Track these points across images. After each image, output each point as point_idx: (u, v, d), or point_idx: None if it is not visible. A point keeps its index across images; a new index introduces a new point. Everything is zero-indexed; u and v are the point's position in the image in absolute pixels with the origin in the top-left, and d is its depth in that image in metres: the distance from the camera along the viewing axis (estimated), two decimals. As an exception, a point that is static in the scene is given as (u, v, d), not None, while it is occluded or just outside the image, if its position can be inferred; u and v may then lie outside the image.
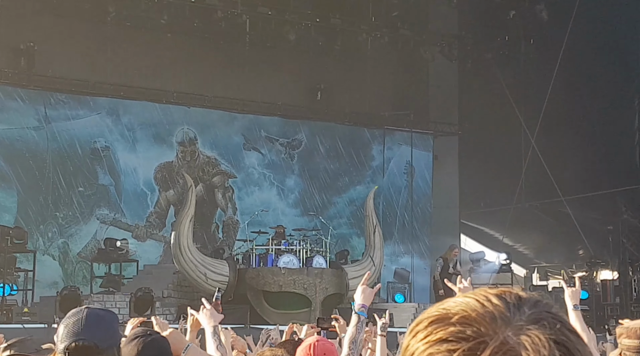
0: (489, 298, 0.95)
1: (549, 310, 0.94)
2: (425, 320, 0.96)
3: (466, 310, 0.93)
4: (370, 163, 22.38)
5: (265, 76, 20.34)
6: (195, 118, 20.24)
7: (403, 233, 22.16)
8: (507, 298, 0.95)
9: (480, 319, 0.92)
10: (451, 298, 0.97)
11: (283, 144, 21.36)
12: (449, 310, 0.94)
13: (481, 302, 0.94)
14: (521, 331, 0.91)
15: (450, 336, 0.92)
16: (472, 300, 0.95)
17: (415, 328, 0.96)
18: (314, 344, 3.67)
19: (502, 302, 0.94)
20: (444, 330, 0.93)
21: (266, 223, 18.18)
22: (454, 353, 0.91)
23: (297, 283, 15.69)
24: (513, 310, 0.93)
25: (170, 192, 19.91)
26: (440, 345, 0.92)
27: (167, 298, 16.16)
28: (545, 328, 0.91)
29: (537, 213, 21.01)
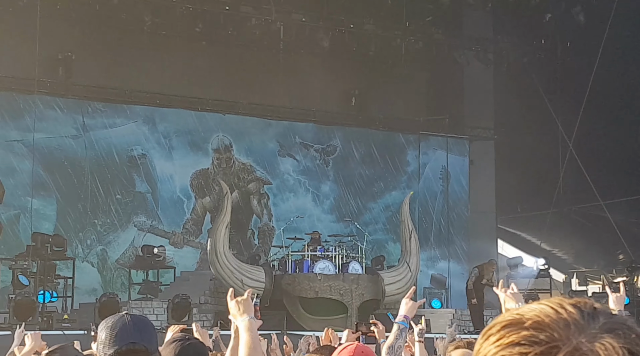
0: (563, 306, 0.95)
1: (624, 322, 0.95)
2: (497, 324, 0.96)
3: (540, 316, 0.94)
4: (406, 168, 22.30)
5: (300, 82, 20.38)
6: (230, 126, 20.35)
7: (439, 238, 22.05)
8: (581, 307, 0.95)
9: (553, 325, 0.93)
10: (525, 305, 0.98)
11: (318, 150, 21.38)
12: (523, 315, 0.95)
13: (555, 309, 0.94)
14: (595, 339, 0.91)
15: (523, 339, 0.92)
16: (547, 306, 0.95)
17: (488, 332, 0.96)
18: (353, 349, 3.66)
19: (576, 310, 0.94)
20: (517, 334, 0.93)
21: (302, 229, 18.22)
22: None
23: (333, 289, 15.68)
24: (587, 319, 0.93)
25: (206, 198, 20.02)
26: (513, 348, 0.92)
27: (204, 304, 16.24)
28: (619, 337, 0.92)
29: (576, 218, 20.80)
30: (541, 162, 20.87)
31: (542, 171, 20.84)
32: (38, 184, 17.96)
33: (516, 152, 21.52)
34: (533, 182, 21.09)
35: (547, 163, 20.67)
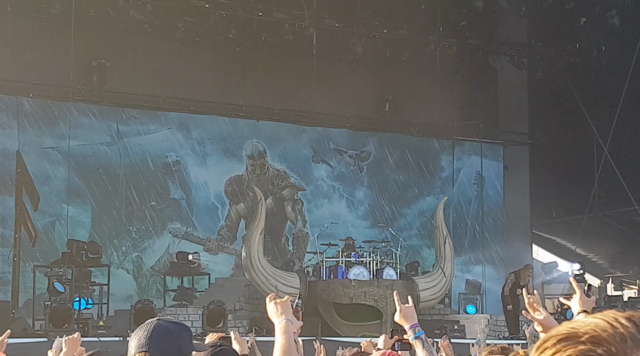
0: (618, 320, 0.95)
1: None
2: (553, 338, 0.96)
3: (596, 330, 0.93)
4: (440, 174, 22.21)
5: (333, 88, 20.39)
6: (264, 132, 20.41)
7: (474, 243, 21.92)
8: (637, 321, 0.95)
9: (610, 339, 0.92)
10: (579, 319, 0.97)
11: (352, 156, 21.37)
12: (578, 329, 0.94)
13: (610, 323, 0.94)
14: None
15: (580, 354, 0.92)
16: (601, 320, 0.95)
17: (543, 346, 0.96)
18: (385, 354, 3.67)
19: (632, 324, 0.94)
20: (574, 348, 0.93)
21: (336, 235, 18.22)
22: None
23: (367, 295, 15.66)
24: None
25: (240, 205, 20.09)
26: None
27: (239, 310, 16.30)
28: None
29: (611, 223, 20.58)
30: (576, 167, 20.70)
31: (577, 176, 20.66)
32: (73, 191, 18.16)
33: (551, 157, 21.37)
34: (568, 187, 20.92)
35: (582, 168, 20.49)
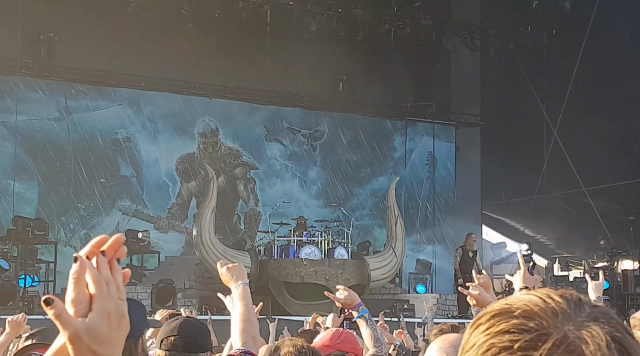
0: (551, 296, 0.98)
1: (607, 312, 0.98)
2: (487, 314, 0.98)
3: (529, 305, 0.96)
4: (393, 154, 22.32)
5: (287, 67, 20.29)
6: (216, 110, 20.26)
7: (425, 223, 22.11)
8: (568, 298, 0.98)
9: (542, 313, 0.95)
10: (514, 296, 1.00)
11: (305, 135, 21.34)
12: (512, 305, 0.97)
13: (543, 299, 0.97)
14: (581, 327, 0.94)
15: (513, 328, 0.95)
16: (535, 297, 0.98)
17: (477, 321, 0.99)
18: (335, 331, 3.67)
19: (563, 300, 0.97)
20: (507, 322, 0.95)
21: (288, 214, 18.21)
22: (515, 344, 0.93)
23: (319, 274, 15.70)
24: (574, 308, 0.97)
25: (192, 183, 19.96)
26: (502, 336, 0.95)
27: (189, 289, 16.22)
28: (604, 324, 0.95)
29: (559, 204, 20.91)
30: (526, 149, 20.97)
31: (527, 157, 20.93)
32: (19, 167, 17.83)
33: (502, 139, 21.59)
34: (518, 169, 21.19)
35: (532, 150, 20.77)
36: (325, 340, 3.65)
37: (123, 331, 1.22)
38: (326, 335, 3.64)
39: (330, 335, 3.67)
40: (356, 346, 3.77)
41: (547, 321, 0.94)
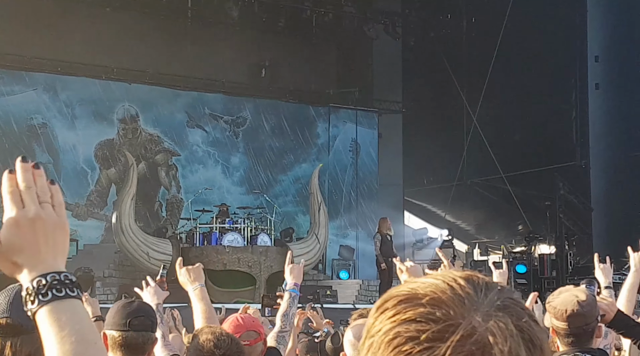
0: (457, 281, 0.96)
1: (512, 297, 0.97)
2: (394, 298, 0.96)
3: (435, 292, 0.95)
4: (316, 140, 22.36)
5: (208, 53, 20.09)
6: (136, 95, 19.93)
7: (349, 210, 22.24)
8: (474, 281, 0.97)
9: (449, 302, 0.94)
10: (418, 279, 0.98)
11: (227, 122, 21.19)
12: (418, 291, 0.95)
13: (450, 284, 0.96)
14: (489, 318, 0.93)
15: (420, 317, 0.93)
16: (440, 281, 0.96)
17: (383, 306, 0.96)
18: (240, 315, 3.70)
19: (469, 285, 0.96)
20: (414, 310, 0.94)
21: (211, 201, 18.08)
22: (422, 334, 0.92)
23: (241, 262, 15.64)
24: (480, 295, 0.95)
25: (111, 170, 19.64)
26: (409, 325, 0.93)
27: (108, 277, 15.99)
28: (512, 315, 0.94)
29: (478, 190, 21.29)
30: (447, 135, 21.27)
31: (448, 144, 21.24)
32: None
33: (423, 126, 21.87)
34: (439, 155, 21.49)
35: (453, 137, 21.09)
36: (235, 323, 3.64)
37: (43, 235, 1.20)
38: (232, 320, 3.65)
39: (235, 319, 3.67)
40: (261, 325, 3.83)
41: (454, 311, 0.93)
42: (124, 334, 2.92)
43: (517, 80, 19.83)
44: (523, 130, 19.75)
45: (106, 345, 2.94)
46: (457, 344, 0.90)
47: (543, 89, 19.45)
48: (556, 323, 3.10)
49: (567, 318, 3.07)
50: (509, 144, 19.86)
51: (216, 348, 2.68)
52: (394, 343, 0.93)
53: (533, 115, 19.57)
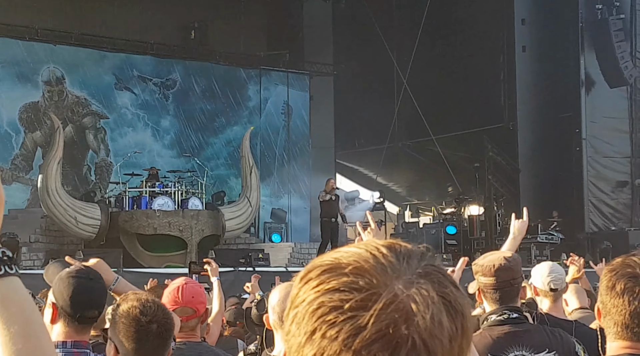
0: (379, 249, 0.97)
1: (433, 263, 0.97)
2: (317, 269, 0.96)
3: (358, 261, 0.95)
4: (247, 103, 22.20)
5: (136, 14, 19.69)
6: (62, 57, 19.46)
7: (282, 173, 22.23)
8: (396, 249, 0.97)
9: (372, 270, 0.94)
10: (342, 248, 0.98)
11: (157, 84, 20.88)
12: (341, 260, 0.96)
13: (372, 253, 0.96)
14: (411, 285, 0.94)
15: (343, 286, 0.93)
16: (363, 250, 0.97)
17: (307, 276, 0.96)
18: (182, 286, 3.59)
19: (391, 253, 0.96)
20: (337, 280, 0.94)
21: (141, 165, 17.85)
22: (346, 303, 0.92)
23: (172, 226, 15.50)
24: (403, 263, 0.96)
25: (37, 133, 19.20)
26: (333, 294, 0.93)
27: (35, 243, 15.70)
28: (434, 282, 0.95)
29: (409, 152, 21.50)
30: (378, 98, 21.35)
31: (379, 107, 21.33)
32: None
33: (354, 88, 21.89)
34: (370, 118, 21.58)
35: (384, 99, 21.17)
36: (174, 295, 3.56)
37: None
38: (172, 291, 3.56)
39: (175, 291, 3.58)
40: (202, 299, 3.71)
41: (377, 279, 0.93)
42: (74, 321, 2.87)
43: (446, 42, 19.98)
44: (452, 93, 19.94)
45: (54, 316, 2.87)
46: (380, 312, 0.91)
47: (471, 51, 19.63)
48: (484, 279, 3.15)
49: (495, 272, 3.12)
50: (438, 106, 20.04)
51: (142, 315, 2.64)
52: (317, 313, 0.93)
53: (462, 77, 19.77)
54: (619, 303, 2.02)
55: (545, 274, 3.98)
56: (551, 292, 3.95)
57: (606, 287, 2.05)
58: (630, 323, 2.02)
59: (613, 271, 2.06)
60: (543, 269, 4.03)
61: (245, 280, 12.75)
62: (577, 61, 18.83)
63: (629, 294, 2.01)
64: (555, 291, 3.96)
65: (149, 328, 2.64)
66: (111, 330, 2.70)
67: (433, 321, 0.92)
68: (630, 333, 2.03)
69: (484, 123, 19.33)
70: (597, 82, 18.92)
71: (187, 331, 3.51)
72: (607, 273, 2.07)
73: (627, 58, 18.86)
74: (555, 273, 4.00)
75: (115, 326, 2.68)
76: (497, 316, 3.12)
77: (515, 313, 3.14)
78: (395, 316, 0.92)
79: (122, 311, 2.69)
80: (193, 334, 3.55)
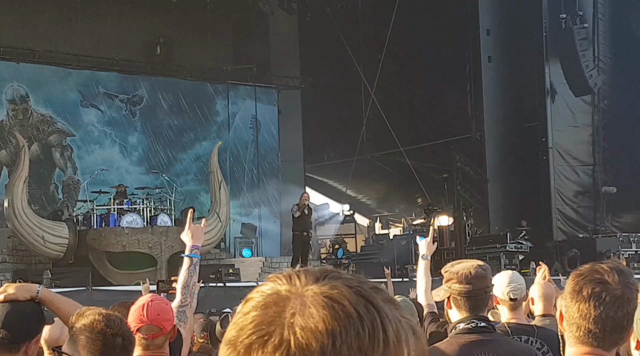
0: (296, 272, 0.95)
1: (336, 273, 0.95)
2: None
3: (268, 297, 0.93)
4: (215, 118, 22.15)
5: (100, 30, 19.59)
6: (25, 75, 19.31)
7: (251, 187, 22.18)
8: (312, 271, 0.95)
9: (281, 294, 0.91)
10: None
11: (123, 100, 20.76)
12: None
13: (286, 276, 0.95)
14: (305, 292, 0.91)
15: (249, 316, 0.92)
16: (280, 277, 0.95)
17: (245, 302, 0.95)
18: (148, 304, 3.49)
19: (306, 274, 0.94)
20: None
21: (110, 182, 17.71)
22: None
23: (141, 243, 15.39)
24: (311, 276, 0.93)
25: (2, 152, 19.02)
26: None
27: (2, 263, 15.50)
28: (323, 285, 0.91)
29: (378, 164, 21.54)
30: (346, 111, 21.40)
31: (347, 119, 21.38)
32: None
33: (322, 101, 21.93)
34: (338, 130, 21.61)
35: (351, 112, 21.23)
36: (139, 313, 3.48)
37: None
38: (137, 309, 3.47)
39: (140, 308, 3.51)
40: (169, 316, 3.62)
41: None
42: None
43: (412, 54, 20.08)
44: (419, 104, 20.04)
45: None
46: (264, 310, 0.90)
47: (438, 62, 19.76)
48: (458, 287, 3.14)
49: (471, 279, 3.13)
50: (406, 118, 20.12)
51: (108, 328, 2.61)
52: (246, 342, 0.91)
53: (429, 88, 19.88)
54: (584, 307, 2.01)
55: (505, 284, 3.99)
56: (511, 301, 3.97)
57: (572, 291, 2.04)
58: (593, 329, 2.02)
59: (580, 276, 2.06)
60: (503, 279, 4.03)
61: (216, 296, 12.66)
62: (542, 70, 19.02)
63: (595, 299, 2.01)
64: (514, 301, 3.98)
65: (114, 341, 2.61)
66: (69, 347, 2.64)
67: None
68: (591, 339, 2.02)
69: (452, 134, 19.43)
70: (562, 91, 19.14)
71: (154, 349, 3.44)
72: (574, 277, 2.07)
73: (591, 66, 19.10)
74: (514, 283, 4.01)
75: (75, 342, 2.62)
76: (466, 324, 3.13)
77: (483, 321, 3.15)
78: (276, 309, 0.89)
79: (84, 325, 2.64)
80: (160, 352, 3.49)
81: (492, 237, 17.73)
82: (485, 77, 19.43)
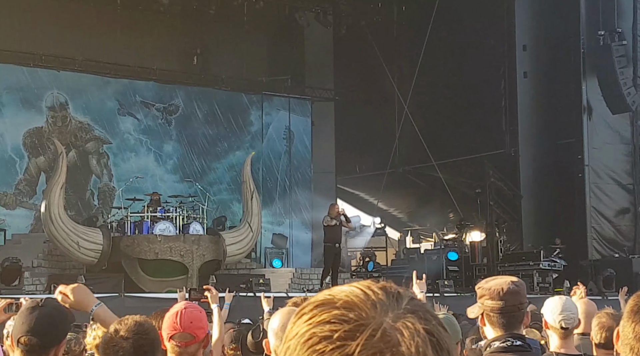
0: (371, 288, 1.02)
1: (424, 305, 1.03)
2: (310, 304, 1.01)
3: (350, 296, 1.00)
4: (249, 128, 22.29)
5: (139, 40, 19.84)
6: (65, 83, 19.60)
7: (283, 198, 22.25)
8: (388, 290, 1.02)
9: (362, 305, 0.99)
10: (338, 287, 1.03)
11: (159, 109, 20.99)
12: (334, 296, 1.01)
13: (364, 291, 1.01)
14: (399, 319, 0.99)
15: (333, 318, 0.98)
16: (356, 288, 1.02)
17: (301, 312, 1.02)
18: (181, 312, 3.55)
19: (383, 292, 1.01)
20: (328, 313, 0.99)
21: (144, 189, 17.91)
22: (335, 333, 0.97)
23: (173, 250, 15.51)
24: (392, 300, 1.01)
25: (40, 158, 19.29)
26: (324, 326, 0.98)
27: (37, 267, 15.69)
28: (420, 318, 1.00)
29: (410, 178, 21.48)
30: (379, 124, 21.40)
31: (380, 132, 21.38)
32: None
33: (355, 113, 21.96)
34: (371, 143, 21.62)
35: (385, 124, 21.22)
36: (172, 321, 3.54)
37: None
38: (171, 316, 3.53)
39: (174, 316, 3.57)
40: (202, 325, 3.67)
41: (366, 313, 0.98)
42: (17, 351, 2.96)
43: (447, 68, 20.03)
44: (453, 118, 19.97)
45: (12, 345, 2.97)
46: (366, 342, 0.95)
47: (473, 77, 19.68)
48: (491, 303, 3.12)
49: (504, 295, 3.10)
50: (439, 132, 20.06)
51: (115, 332, 2.72)
52: (308, 343, 0.98)
53: (463, 103, 19.81)
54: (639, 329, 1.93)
55: (558, 311, 3.84)
56: (561, 330, 3.82)
57: (630, 311, 1.97)
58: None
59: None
60: (556, 305, 3.88)
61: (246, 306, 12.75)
62: (578, 87, 18.83)
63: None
64: (566, 330, 3.83)
65: (122, 343, 2.72)
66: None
67: (418, 352, 0.96)
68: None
69: (486, 149, 19.32)
70: (599, 108, 18.93)
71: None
72: (635, 298, 2.00)
73: (629, 84, 18.86)
74: (567, 311, 3.85)
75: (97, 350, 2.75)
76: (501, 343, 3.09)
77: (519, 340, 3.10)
78: (381, 345, 0.96)
79: (107, 335, 2.75)
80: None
81: (525, 254, 17.52)
82: (520, 93, 19.30)
